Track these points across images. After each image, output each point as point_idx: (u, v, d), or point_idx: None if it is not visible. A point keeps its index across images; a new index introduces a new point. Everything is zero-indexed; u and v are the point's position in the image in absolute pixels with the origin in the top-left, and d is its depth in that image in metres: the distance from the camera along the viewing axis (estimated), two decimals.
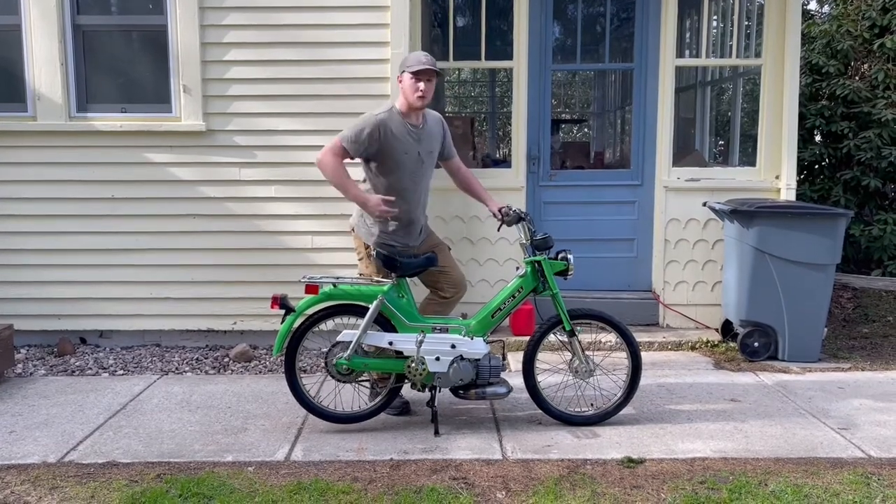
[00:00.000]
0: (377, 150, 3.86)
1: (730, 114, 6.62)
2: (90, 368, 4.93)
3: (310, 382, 3.99)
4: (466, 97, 12.49)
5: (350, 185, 3.92)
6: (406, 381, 3.79)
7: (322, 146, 5.07)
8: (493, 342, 3.94)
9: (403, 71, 3.89)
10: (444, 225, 5.41)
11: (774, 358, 4.97)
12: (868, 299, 6.30)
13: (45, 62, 5.12)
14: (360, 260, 4.10)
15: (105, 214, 5.24)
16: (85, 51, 5.23)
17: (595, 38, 6.59)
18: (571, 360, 3.89)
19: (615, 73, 8.06)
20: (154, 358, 5.12)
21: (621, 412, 3.92)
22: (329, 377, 3.87)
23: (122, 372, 4.88)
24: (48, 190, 5.22)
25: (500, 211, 3.99)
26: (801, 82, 6.08)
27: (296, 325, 3.82)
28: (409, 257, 3.86)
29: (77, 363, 5.02)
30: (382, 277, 3.87)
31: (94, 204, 5.23)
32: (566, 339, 3.86)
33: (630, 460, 3.46)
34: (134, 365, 5.00)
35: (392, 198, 3.86)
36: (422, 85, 3.84)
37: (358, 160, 3.96)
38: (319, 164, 3.92)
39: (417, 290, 4.09)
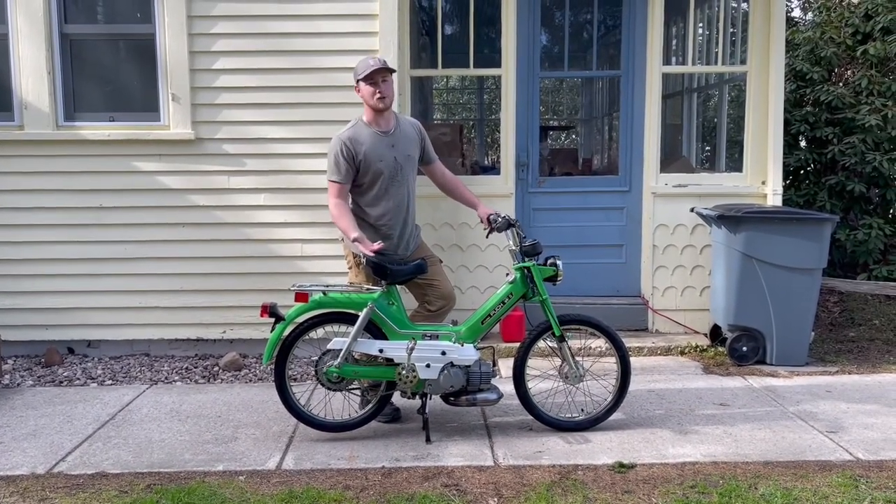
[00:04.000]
0: (358, 165, 3.87)
1: (716, 120, 6.67)
2: (78, 379, 4.90)
3: (300, 391, 3.99)
4: (455, 104, 12.53)
5: (346, 225, 3.83)
6: (397, 388, 3.79)
7: (311, 154, 5.18)
8: (483, 348, 3.95)
9: (357, 80, 3.90)
10: (433, 232, 5.42)
11: (763, 362, 5.00)
12: (854, 303, 6.36)
13: (32, 71, 5.10)
14: (349, 269, 4.10)
15: (93, 224, 5.21)
16: (72, 59, 5.21)
17: (582, 46, 6.63)
18: (561, 365, 3.90)
19: (602, 79, 8.10)
20: (143, 367, 5.10)
21: (611, 417, 3.94)
22: (319, 385, 3.86)
23: (110, 382, 4.85)
24: (35, 199, 5.19)
25: (488, 218, 4.00)
26: (785, 88, 6.13)
27: (285, 333, 3.81)
28: (398, 264, 3.86)
29: (65, 373, 4.98)
30: (373, 285, 3.87)
31: (81, 213, 5.20)
32: (556, 345, 3.88)
33: (621, 465, 3.47)
34: (123, 375, 4.97)
35: (384, 245, 3.79)
36: (378, 87, 3.85)
37: None
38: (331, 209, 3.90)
39: (407, 298, 4.10)
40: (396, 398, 3.94)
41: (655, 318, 5.60)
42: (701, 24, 6.35)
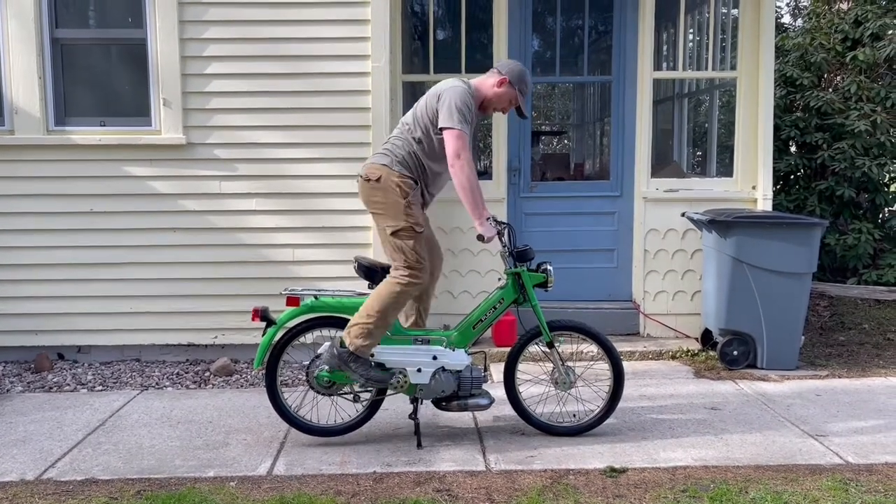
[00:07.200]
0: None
1: (707, 125, 6.71)
2: (68, 384, 4.87)
3: (291, 396, 3.98)
4: None
5: (480, 198, 3.65)
6: (387, 393, 3.78)
7: (303, 159, 5.17)
8: (475, 353, 3.95)
9: (510, 82, 3.77)
10: None
11: (753, 366, 5.02)
12: (844, 307, 6.39)
13: (22, 75, 5.08)
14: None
15: (84, 228, 5.19)
16: (63, 64, 5.20)
17: (574, 51, 6.65)
18: (553, 371, 3.90)
19: (594, 85, 8.12)
20: (133, 373, 5.07)
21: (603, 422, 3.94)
22: (311, 390, 3.85)
23: (100, 387, 4.82)
24: (26, 204, 5.17)
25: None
26: (775, 94, 6.17)
27: (277, 337, 3.80)
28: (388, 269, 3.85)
29: (55, 379, 4.95)
30: (367, 287, 3.86)
31: (72, 218, 5.18)
32: (547, 351, 3.88)
33: (612, 470, 3.48)
34: (113, 380, 4.94)
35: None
36: (520, 102, 3.83)
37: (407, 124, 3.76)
38: (461, 170, 3.57)
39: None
40: (387, 403, 3.93)
41: (647, 322, 5.62)
42: (691, 30, 6.39)
